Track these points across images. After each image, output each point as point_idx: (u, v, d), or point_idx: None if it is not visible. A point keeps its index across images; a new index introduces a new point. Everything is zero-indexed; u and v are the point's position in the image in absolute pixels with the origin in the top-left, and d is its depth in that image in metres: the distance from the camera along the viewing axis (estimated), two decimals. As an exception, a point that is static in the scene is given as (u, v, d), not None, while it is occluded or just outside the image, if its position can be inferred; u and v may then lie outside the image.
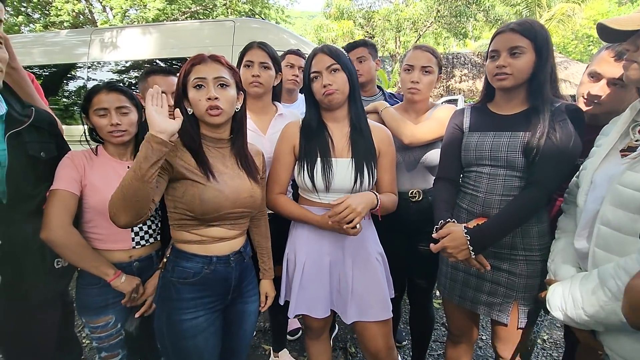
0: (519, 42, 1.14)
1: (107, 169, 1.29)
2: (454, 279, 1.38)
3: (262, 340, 2.31)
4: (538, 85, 1.17)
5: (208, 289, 1.15)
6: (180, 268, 1.13)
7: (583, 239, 0.98)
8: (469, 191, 1.31)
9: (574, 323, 0.91)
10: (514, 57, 1.15)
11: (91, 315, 1.32)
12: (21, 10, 10.88)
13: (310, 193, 1.36)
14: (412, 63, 1.56)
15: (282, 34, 3.33)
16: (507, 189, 1.21)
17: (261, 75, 1.57)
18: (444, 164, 1.40)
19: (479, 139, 1.27)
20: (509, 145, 1.20)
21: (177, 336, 1.11)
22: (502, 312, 1.27)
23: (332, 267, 1.37)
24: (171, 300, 1.12)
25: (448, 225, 1.18)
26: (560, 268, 1.07)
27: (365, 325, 1.36)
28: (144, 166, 0.91)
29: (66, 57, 3.69)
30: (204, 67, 1.10)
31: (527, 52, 1.14)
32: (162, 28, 3.71)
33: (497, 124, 1.26)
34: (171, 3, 11.01)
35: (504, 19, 12.61)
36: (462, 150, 1.33)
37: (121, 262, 1.31)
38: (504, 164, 1.21)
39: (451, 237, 1.14)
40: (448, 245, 1.14)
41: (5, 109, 1.14)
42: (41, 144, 1.22)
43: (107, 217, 1.22)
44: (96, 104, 1.25)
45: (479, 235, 1.13)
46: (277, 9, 13.97)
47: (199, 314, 1.13)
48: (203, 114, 1.10)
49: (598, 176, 0.96)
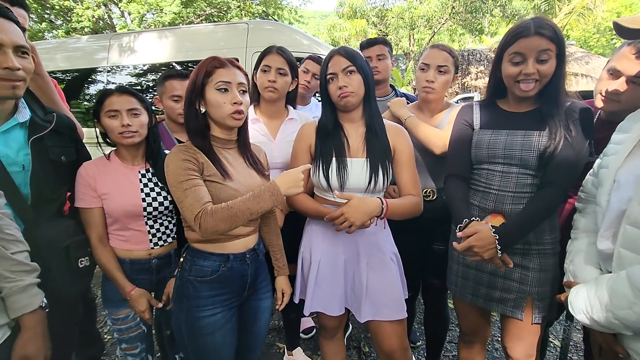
0: (547, 46, 1.12)
1: (119, 176, 1.33)
2: (466, 277, 1.37)
3: (276, 338, 2.34)
4: (556, 88, 1.17)
5: (225, 286, 1.18)
6: (198, 267, 1.16)
7: (607, 239, 0.95)
8: (480, 188, 1.30)
9: (600, 326, 0.89)
10: (541, 63, 1.13)
11: (113, 307, 1.39)
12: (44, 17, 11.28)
13: (325, 192, 1.38)
14: (428, 62, 1.55)
15: (295, 35, 3.35)
16: (520, 186, 1.21)
17: (277, 81, 1.59)
18: (455, 161, 1.38)
19: (492, 137, 1.26)
20: (523, 144, 1.20)
21: (195, 333, 1.15)
22: (516, 308, 1.26)
23: (346, 265, 1.38)
24: (189, 298, 1.15)
25: (473, 224, 1.16)
26: (580, 269, 1.04)
27: (379, 324, 1.36)
28: (261, 211, 1.06)
29: (87, 62, 3.81)
30: (227, 72, 1.12)
31: (552, 57, 1.13)
32: (177, 32, 3.78)
33: (509, 121, 1.25)
34: (186, 6, 11.21)
35: (522, 14, 12.32)
36: (473, 148, 1.31)
37: (141, 259, 1.37)
38: (518, 162, 1.21)
39: (478, 236, 1.12)
40: (475, 244, 1.12)
41: (29, 115, 1.19)
42: (62, 148, 1.27)
43: (125, 222, 1.32)
44: (107, 106, 1.29)
45: (506, 234, 1.13)
46: (290, 10, 14.04)
47: (216, 310, 1.16)
48: (226, 117, 1.13)
49: (622, 175, 0.93)
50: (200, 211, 1.01)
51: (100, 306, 2.54)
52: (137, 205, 1.31)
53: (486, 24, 14.38)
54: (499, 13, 13.00)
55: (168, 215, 1.41)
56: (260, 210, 1.04)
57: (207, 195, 1.06)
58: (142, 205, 1.32)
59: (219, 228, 1.02)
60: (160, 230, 1.40)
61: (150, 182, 1.37)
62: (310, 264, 1.41)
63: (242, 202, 1.03)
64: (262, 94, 1.64)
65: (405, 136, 1.40)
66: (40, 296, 0.99)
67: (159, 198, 1.36)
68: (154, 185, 1.37)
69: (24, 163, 1.16)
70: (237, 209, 1.02)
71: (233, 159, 1.21)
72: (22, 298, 0.94)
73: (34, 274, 0.99)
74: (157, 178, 1.38)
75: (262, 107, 1.70)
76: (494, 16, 13.42)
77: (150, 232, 1.37)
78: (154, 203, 1.34)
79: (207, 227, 1.01)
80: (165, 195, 1.37)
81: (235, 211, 1.02)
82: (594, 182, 1.09)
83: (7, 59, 1.03)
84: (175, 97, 1.70)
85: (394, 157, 1.38)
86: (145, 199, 1.33)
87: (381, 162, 1.32)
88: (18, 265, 0.94)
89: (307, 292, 1.41)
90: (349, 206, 1.21)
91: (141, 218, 1.34)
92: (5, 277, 0.92)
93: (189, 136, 1.16)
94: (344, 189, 1.32)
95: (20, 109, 1.17)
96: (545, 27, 1.13)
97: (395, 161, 1.38)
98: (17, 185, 1.13)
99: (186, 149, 1.11)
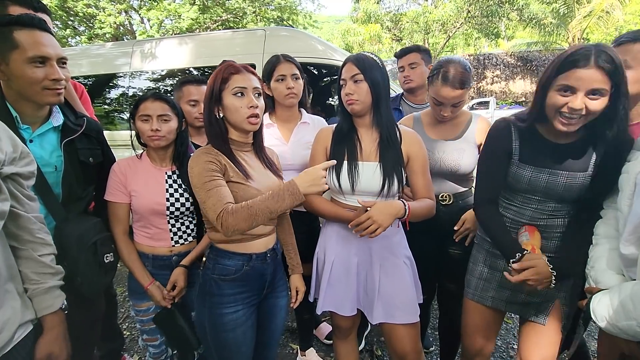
0: (602, 84, 0.99)
1: (148, 176, 1.42)
2: (489, 280, 1.36)
3: (290, 339, 2.37)
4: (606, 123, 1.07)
5: (247, 284, 1.23)
6: (222, 266, 1.21)
7: (631, 244, 0.93)
8: (514, 207, 1.28)
9: (624, 334, 0.88)
10: (593, 99, 1.01)
11: (136, 299, 1.47)
12: (68, 23, 11.72)
13: (337, 194, 1.41)
14: (443, 101, 1.50)
15: (310, 41, 3.40)
16: (553, 215, 1.22)
17: (295, 86, 1.66)
18: (488, 186, 1.31)
19: (532, 175, 1.19)
20: (565, 186, 1.16)
21: (218, 328, 1.20)
22: (540, 312, 1.25)
23: (359, 267, 1.40)
24: (213, 295, 1.20)
25: (529, 257, 1.15)
26: (602, 275, 1.02)
27: (392, 327, 1.38)
28: (280, 210, 1.07)
29: (110, 67, 3.95)
30: (242, 77, 1.17)
31: (606, 94, 1.00)
32: (196, 38, 3.88)
33: (551, 157, 1.17)
34: (204, 12, 11.47)
35: (539, 17, 12.12)
36: (511, 178, 1.25)
37: (163, 256, 1.44)
38: (557, 198, 1.20)
39: (536, 270, 1.13)
40: (532, 277, 1.13)
41: (62, 120, 1.27)
42: (90, 150, 1.35)
43: (150, 219, 1.39)
44: (142, 110, 1.38)
45: (562, 268, 1.13)
46: (304, 15, 14.18)
47: (238, 308, 1.21)
48: (243, 121, 1.17)
49: None
50: (222, 210, 1.05)
51: (121, 302, 2.64)
52: (161, 204, 1.38)
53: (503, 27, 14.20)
54: (515, 17, 12.83)
55: (189, 215, 1.47)
56: (279, 209, 1.07)
57: (229, 196, 1.10)
58: (166, 205, 1.39)
59: (239, 227, 1.05)
60: (182, 229, 1.46)
61: (175, 183, 1.43)
62: (324, 264, 1.44)
63: (262, 202, 1.06)
64: (283, 102, 1.69)
65: (420, 144, 1.41)
66: (62, 298, 1.03)
67: (181, 199, 1.42)
68: (178, 187, 1.44)
69: (57, 164, 1.23)
70: (257, 208, 1.05)
71: (251, 160, 1.26)
72: (45, 299, 0.98)
73: (58, 277, 1.03)
74: (182, 180, 1.44)
75: (278, 113, 1.76)
76: (510, 20, 13.25)
77: (172, 230, 1.43)
78: (177, 203, 1.41)
79: (229, 226, 1.04)
80: (188, 196, 1.43)
81: (255, 210, 1.05)
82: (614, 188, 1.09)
83: (54, 71, 1.12)
84: (192, 102, 1.75)
85: (408, 163, 1.39)
86: (169, 198, 1.40)
87: (394, 167, 1.34)
88: (44, 268, 0.99)
89: (319, 292, 1.44)
90: (375, 209, 1.22)
91: (164, 217, 1.40)
92: (31, 279, 0.96)
93: (210, 140, 1.21)
94: (355, 191, 1.35)
95: (54, 113, 1.25)
96: (607, 60, 0.97)
97: (409, 168, 1.40)
98: (50, 185, 1.21)
99: (209, 152, 1.16)
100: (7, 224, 0.90)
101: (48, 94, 1.14)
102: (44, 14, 1.48)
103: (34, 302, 0.97)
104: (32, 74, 1.09)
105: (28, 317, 0.94)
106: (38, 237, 0.98)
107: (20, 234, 0.94)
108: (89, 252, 1.24)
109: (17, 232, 0.94)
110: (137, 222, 1.43)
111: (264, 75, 1.74)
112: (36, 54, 1.08)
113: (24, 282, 0.96)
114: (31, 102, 1.15)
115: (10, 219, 0.91)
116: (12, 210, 0.90)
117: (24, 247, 0.95)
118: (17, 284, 0.93)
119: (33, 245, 0.97)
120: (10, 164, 0.88)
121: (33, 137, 1.19)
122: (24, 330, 0.92)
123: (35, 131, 1.19)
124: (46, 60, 1.11)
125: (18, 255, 0.95)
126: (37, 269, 0.98)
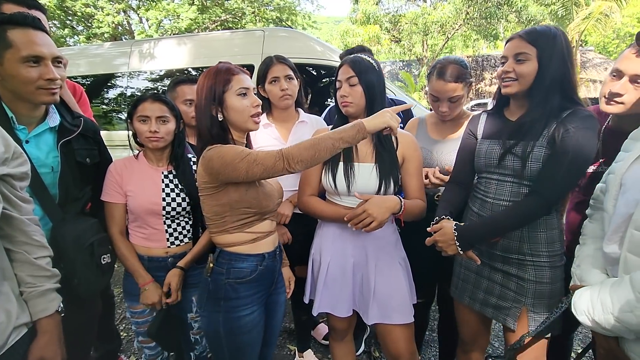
0: (524, 49, 1.16)
1: (144, 176, 1.42)
2: (466, 280, 1.38)
3: (287, 340, 2.37)
4: (539, 92, 1.17)
5: (261, 284, 1.24)
6: (237, 269, 1.20)
7: (614, 243, 0.95)
8: (479, 196, 1.32)
9: (601, 329, 0.90)
10: (518, 63, 1.17)
11: (132, 301, 1.47)
12: (66, 23, 11.68)
13: (334, 195, 1.41)
14: (438, 96, 1.54)
15: (309, 42, 3.40)
16: (514, 195, 1.22)
17: (289, 87, 1.66)
18: (456, 169, 1.43)
19: (489, 147, 1.29)
20: (514, 155, 1.20)
21: (236, 332, 1.19)
22: (510, 317, 1.25)
23: (355, 268, 1.41)
24: (229, 299, 1.19)
25: (442, 222, 1.24)
26: (587, 273, 1.05)
27: (387, 328, 1.38)
28: (343, 146, 1.05)
29: (109, 67, 3.94)
30: (243, 78, 1.19)
31: (531, 59, 1.15)
32: (195, 39, 3.88)
33: (505, 131, 1.26)
34: (202, 12, 11.46)
35: (538, 19, 12.16)
36: (475, 157, 1.34)
37: (158, 257, 1.43)
38: (511, 172, 1.22)
39: (442, 232, 1.21)
40: (438, 239, 1.21)
41: (59, 120, 1.26)
42: (87, 150, 1.34)
43: (145, 219, 1.39)
44: (140, 111, 1.38)
45: (466, 233, 1.18)
46: (303, 15, 14.17)
47: (254, 309, 1.22)
48: (247, 120, 1.19)
49: (629, 179, 0.93)
50: (279, 152, 1.03)
51: (118, 303, 2.63)
52: (157, 204, 1.38)
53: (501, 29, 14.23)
54: (514, 19, 12.86)
55: (185, 216, 1.47)
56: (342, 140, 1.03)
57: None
58: (162, 205, 1.39)
59: (303, 157, 1.02)
60: (177, 230, 1.45)
61: (171, 183, 1.43)
62: (320, 265, 1.45)
63: (322, 136, 1.04)
64: (278, 103, 1.69)
65: (415, 146, 1.42)
66: (57, 301, 1.02)
67: (177, 199, 1.42)
68: (175, 187, 1.43)
69: (53, 165, 1.23)
70: (320, 139, 1.03)
71: None
72: (40, 302, 0.97)
73: (54, 280, 1.02)
74: (178, 180, 1.44)
75: (275, 114, 1.76)
76: (509, 22, 13.27)
77: (168, 231, 1.43)
78: (173, 203, 1.41)
79: (293, 156, 1.02)
80: (184, 197, 1.43)
81: (317, 140, 1.03)
82: (603, 189, 1.09)
83: (49, 71, 1.11)
84: (187, 102, 1.75)
85: (403, 165, 1.40)
86: (165, 198, 1.40)
87: (390, 169, 1.35)
88: (39, 271, 0.97)
89: (316, 293, 1.44)
90: (370, 203, 1.23)
91: (160, 217, 1.40)
92: (26, 282, 0.95)
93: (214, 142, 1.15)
94: (351, 193, 1.35)
95: (50, 114, 1.24)
96: (529, 31, 1.18)
97: (403, 169, 1.41)
98: (46, 186, 1.20)
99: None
100: (1, 227, 0.90)
101: (42, 93, 1.13)
102: (39, 12, 1.46)
103: (29, 305, 0.96)
104: (27, 73, 1.08)
105: (23, 320, 0.93)
106: (34, 239, 0.97)
107: (15, 236, 0.93)
108: (86, 253, 1.24)
109: (11, 234, 0.92)
110: (132, 222, 1.43)
111: (258, 77, 1.75)
112: (30, 53, 1.07)
113: (19, 285, 0.95)
114: (26, 102, 1.15)
115: (4, 221, 0.90)
116: (5, 213, 0.89)
117: (18, 249, 0.94)
118: (13, 286, 0.92)
119: (28, 248, 0.96)
120: (1, 165, 0.87)
121: (29, 138, 1.18)
122: (17, 334, 0.91)
123: (31, 132, 1.19)
124: (40, 60, 1.10)
125: (13, 258, 0.94)
126: (32, 272, 0.96)
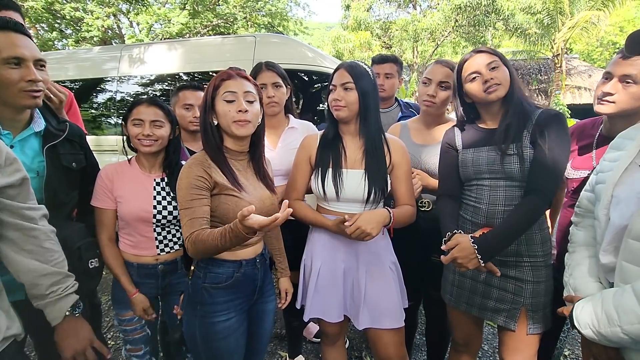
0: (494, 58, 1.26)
1: (136, 182, 1.40)
2: (461, 287, 1.39)
3: (278, 347, 2.35)
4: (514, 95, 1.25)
5: (238, 291, 1.22)
6: (213, 274, 1.19)
7: (610, 254, 0.96)
8: (471, 203, 1.33)
9: (607, 341, 0.89)
10: (493, 70, 1.24)
11: (120, 308, 1.45)
12: (55, 26, 11.52)
13: (322, 201, 1.42)
14: (430, 77, 1.60)
15: (300, 48, 3.41)
16: (509, 199, 1.25)
17: (275, 94, 1.66)
18: (444, 182, 1.44)
19: (474, 155, 1.32)
20: (503, 158, 1.24)
21: (210, 338, 1.18)
22: (510, 319, 1.27)
23: (346, 273, 1.41)
24: (204, 304, 1.18)
25: (455, 237, 1.21)
26: (581, 283, 1.05)
27: (377, 332, 1.38)
28: (228, 246, 1.04)
29: (98, 72, 3.90)
30: (233, 82, 1.17)
31: (500, 64, 1.25)
32: (186, 44, 3.86)
33: (487, 138, 1.31)
34: (194, 17, 11.42)
35: (524, 27, 12.43)
36: (460, 167, 1.36)
37: (148, 264, 1.42)
38: (503, 175, 1.25)
39: (459, 247, 1.17)
40: (458, 255, 1.17)
41: (44, 125, 1.25)
42: (73, 155, 1.33)
43: (135, 227, 1.38)
44: (135, 114, 1.37)
45: (485, 244, 1.16)
46: (295, 21, 14.22)
47: (230, 315, 1.20)
48: (230, 124, 1.16)
49: (622, 191, 0.94)
50: (189, 236, 1.08)
51: (105, 311, 2.58)
52: (147, 212, 1.36)
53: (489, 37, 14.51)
54: (501, 26, 13.13)
55: (176, 224, 1.45)
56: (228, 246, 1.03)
57: (202, 219, 1.10)
58: (153, 212, 1.37)
59: (198, 256, 1.13)
60: (167, 238, 1.44)
61: (162, 191, 1.42)
62: (311, 271, 1.44)
63: (213, 239, 1.03)
64: (265, 110, 1.69)
65: (403, 151, 1.43)
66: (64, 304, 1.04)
67: (168, 207, 1.41)
68: (166, 195, 1.42)
69: (39, 170, 1.21)
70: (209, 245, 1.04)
71: (244, 170, 1.25)
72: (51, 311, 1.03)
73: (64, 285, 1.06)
74: (170, 188, 1.42)
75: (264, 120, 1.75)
76: (496, 29, 13.56)
77: (158, 238, 1.42)
78: (164, 211, 1.39)
79: (191, 252, 1.10)
80: (175, 205, 1.41)
81: (207, 246, 1.05)
82: (590, 197, 1.11)
83: (30, 72, 1.10)
84: (187, 106, 1.75)
85: (392, 170, 1.41)
86: (157, 206, 1.38)
87: (380, 176, 1.36)
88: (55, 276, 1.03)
89: (306, 298, 1.44)
90: (361, 220, 1.23)
91: (150, 224, 1.38)
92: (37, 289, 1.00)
93: (205, 148, 1.20)
94: (339, 199, 1.36)
95: (35, 119, 1.23)
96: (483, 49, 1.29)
97: (393, 175, 1.42)
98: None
99: (202, 163, 1.15)
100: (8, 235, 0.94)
101: (25, 96, 1.11)
102: (13, 12, 1.44)
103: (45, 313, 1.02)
104: (8, 75, 1.07)
105: (11, 332, 0.92)
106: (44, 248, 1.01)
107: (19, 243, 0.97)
108: (73, 257, 1.22)
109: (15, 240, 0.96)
110: (122, 229, 1.41)
111: None
112: (10, 54, 1.06)
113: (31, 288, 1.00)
114: (9, 106, 1.13)
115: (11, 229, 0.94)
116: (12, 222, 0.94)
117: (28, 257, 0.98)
118: (2, 300, 0.93)
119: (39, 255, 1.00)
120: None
121: (14, 143, 1.16)
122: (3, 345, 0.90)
123: (16, 137, 1.17)
124: (22, 62, 1.09)
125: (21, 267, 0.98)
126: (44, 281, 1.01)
